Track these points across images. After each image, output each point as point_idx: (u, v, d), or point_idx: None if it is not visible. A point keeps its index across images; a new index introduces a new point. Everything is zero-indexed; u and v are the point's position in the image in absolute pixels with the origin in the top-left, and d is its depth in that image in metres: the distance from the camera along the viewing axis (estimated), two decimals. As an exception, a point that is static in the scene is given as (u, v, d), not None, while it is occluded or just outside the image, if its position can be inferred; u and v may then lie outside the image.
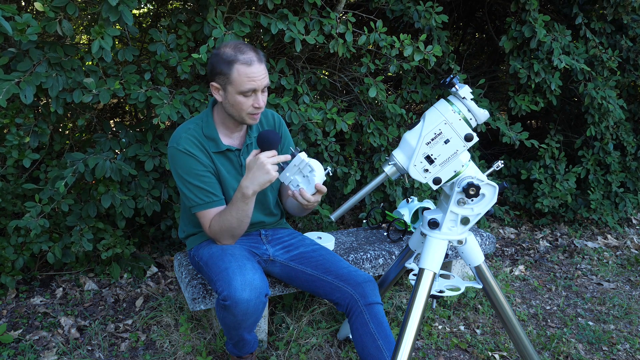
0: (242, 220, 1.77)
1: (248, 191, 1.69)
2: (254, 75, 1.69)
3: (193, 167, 1.80)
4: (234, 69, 1.69)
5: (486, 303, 2.57)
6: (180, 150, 1.79)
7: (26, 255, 2.41)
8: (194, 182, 1.80)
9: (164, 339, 2.17)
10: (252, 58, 1.69)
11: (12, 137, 2.17)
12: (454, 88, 1.43)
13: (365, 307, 1.77)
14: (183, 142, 1.80)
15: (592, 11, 3.43)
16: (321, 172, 1.66)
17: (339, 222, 3.51)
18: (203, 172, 1.81)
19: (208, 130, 1.84)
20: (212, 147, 1.84)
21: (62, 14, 1.98)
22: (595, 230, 3.82)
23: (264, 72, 1.72)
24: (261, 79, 1.71)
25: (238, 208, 1.73)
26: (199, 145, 1.82)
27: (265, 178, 1.65)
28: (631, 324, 2.53)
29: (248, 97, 1.73)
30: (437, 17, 2.80)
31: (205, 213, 1.82)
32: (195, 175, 1.80)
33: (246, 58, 1.68)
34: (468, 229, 1.57)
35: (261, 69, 1.71)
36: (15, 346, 2.11)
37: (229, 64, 1.70)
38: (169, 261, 2.90)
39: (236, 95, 1.72)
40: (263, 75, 1.72)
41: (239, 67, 1.68)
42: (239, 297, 1.58)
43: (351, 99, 3.15)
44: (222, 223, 1.78)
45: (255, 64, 1.69)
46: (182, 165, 1.80)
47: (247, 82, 1.69)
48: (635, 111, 3.94)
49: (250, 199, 1.72)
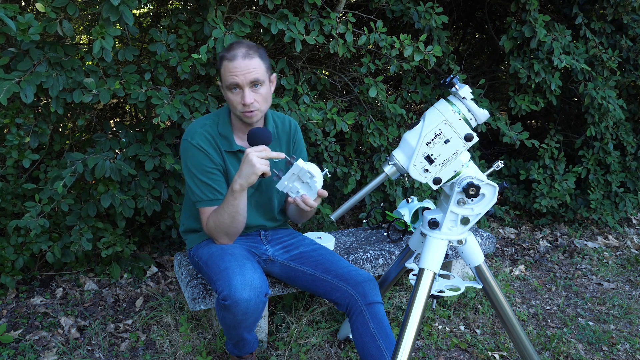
0: (234, 217, 1.76)
1: (235, 185, 1.69)
2: (235, 69, 1.70)
3: (204, 163, 1.81)
4: (222, 65, 1.74)
5: (486, 303, 2.57)
6: (193, 145, 1.80)
7: (26, 255, 2.41)
8: (202, 178, 1.81)
9: (164, 339, 2.17)
10: (237, 54, 1.70)
11: (12, 137, 2.17)
12: (454, 88, 1.43)
13: (365, 307, 1.77)
14: (197, 138, 1.81)
15: (592, 11, 3.43)
16: (321, 177, 1.67)
17: (339, 222, 3.51)
18: (212, 170, 1.82)
19: (223, 129, 1.85)
20: (225, 146, 1.85)
21: (63, 14, 1.98)
22: (595, 230, 3.82)
23: (248, 68, 1.70)
24: (243, 74, 1.70)
25: (228, 203, 1.74)
26: (213, 142, 1.83)
27: (250, 170, 1.65)
28: (631, 324, 2.53)
29: (235, 94, 1.74)
30: (437, 18, 2.80)
31: (207, 210, 1.83)
32: (205, 171, 1.81)
33: (231, 54, 1.71)
34: (468, 229, 1.57)
35: (245, 63, 1.69)
36: (15, 346, 2.11)
37: (220, 60, 1.76)
38: (169, 261, 2.90)
39: (226, 92, 1.77)
40: (246, 71, 1.69)
41: (224, 63, 1.73)
42: (239, 297, 1.58)
43: (351, 99, 3.15)
44: (217, 219, 1.79)
45: (238, 59, 1.70)
46: (193, 159, 1.81)
47: (229, 77, 1.71)
48: (635, 111, 3.94)
49: (238, 194, 1.71)
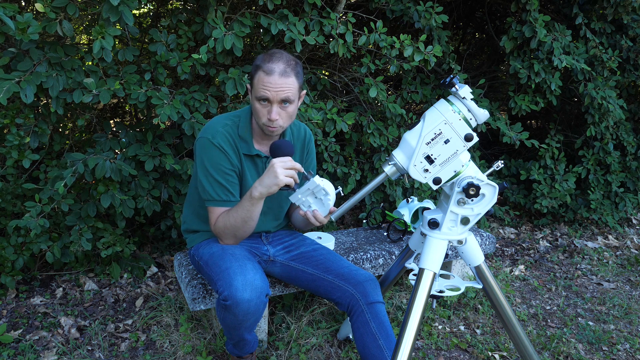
0: (247, 222, 1.77)
1: (255, 192, 1.69)
2: (269, 84, 1.68)
3: (222, 163, 1.80)
4: (257, 74, 1.72)
5: (486, 303, 2.57)
6: (214, 144, 1.79)
7: (26, 255, 2.41)
8: (218, 177, 1.80)
9: (164, 339, 2.17)
10: (275, 69, 1.68)
11: (12, 137, 2.17)
12: (454, 88, 1.43)
13: (366, 306, 1.77)
14: (219, 137, 1.80)
15: (592, 11, 3.44)
16: (334, 195, 1.66)
17: (339, 222, 3.51)
18: (229, 171, 1.82)
19: (243, 131, 1.84)
20: (244, 149, 1.84)
21: (63, 14, 1.98)
22: (595, 230, 3.82)
23: (283, 85, 1.69)
24: (276, 91, 1.69)
25: (244, 208, 1.74)
26: (233, 144, 1.82)
27: (272, 181, 1.65)
28: (631, 324, 2.53)
29: (263, 106, 1.73)
30: (437, 17, 2.81)
31: (217, 210, 1.83)
32: (222, 172, 1.80)
33: (269, 67, 1.68)
34: (468, 229, 1.57)
35: (281, 81, 1.68)
36: (15, 346, 2.11)
37: (255, 68, 1.73)
38: (169, 261, 2.90)
39: (254, 101, 1.74)
40: (280, 88, 1.68)
41: (260, 73, 1.70)
42: (239, 297, 1.58)
43: (351, 99, 3.15)
44: (228, 221, 1.79)
45: (274, 75, 1.68)
46: (210, 158, 1.80)
47: (261, 90, 1.70)
48: (635, 111, 3.94)
49: (256, 201, 1.71)
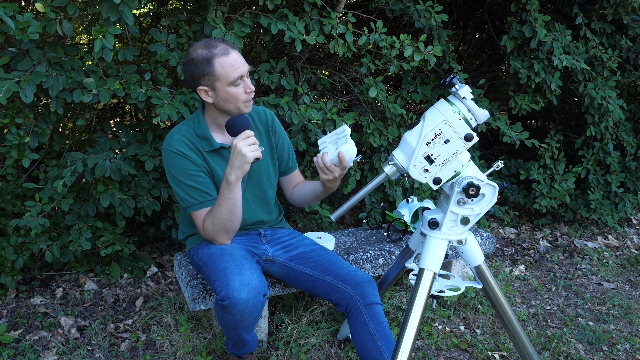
0: (232, 211, 1.76)
1: (230, 176, 1.70)
2: (235, 62, 1.73)
3: (186, 167, 1.81)
4: (215, 65, 1.72)
5: (486, 303, 2.57)
6: (172, 152, 1.81)
7: (26, 255, 2.41)
8: (187, 182, 1.81)
9: (164, 339, 2.17)
10: (226, 48, 1.73)
11: (12, 137, 2.17)
12: (454, 88, 1.43)
13: (364, 307, 1.77)
14: (175, 144, 1.81)
15: (592, 11, 3.43)
16: (352, 148, 1.68)
17: (339, 222, 3.51)
18: (196, 172, 1.82)
19: (200, 130, 1.85)
20: (206, 147, 1.85)
21: (63, 14, 1.98)
22: (595, 230, 3.82)
23: (241, 58, 1.76)
24: (243, 64, 1.76)
25: (225, 197, 1.74)
26: (192, 145, 1.83)
27: (242, 160, 1.68)
28: (631, 324, 2.52)
29: (238, 86, 1.76)
30: (437, 17, 2.80)
31: (199, 213, 1.83)
32: (189, 175, 1.81)
33: (221, 49, 1.72)
34: (468, 229, 1.57)
35: (238, 55, 1.75)
36: (15, 346, 2.11)
37: (208, 62, 1.72)
38: (169, 261, 2.90)
39: (227, 88, 1.75)
40: (242, 61, 1.76)
41: (219, 60, 1.72)
42: (236, 297, 1.58)
43: (351, 99, 3.14)
44: (214, 218, 1.78)
45: (232, 52, 1.74)
46: (175, 166, 1.82)
47: (233, 71, 1.73)
48: (635, 111, 3.94)
49: (234, 186, 1.72)
